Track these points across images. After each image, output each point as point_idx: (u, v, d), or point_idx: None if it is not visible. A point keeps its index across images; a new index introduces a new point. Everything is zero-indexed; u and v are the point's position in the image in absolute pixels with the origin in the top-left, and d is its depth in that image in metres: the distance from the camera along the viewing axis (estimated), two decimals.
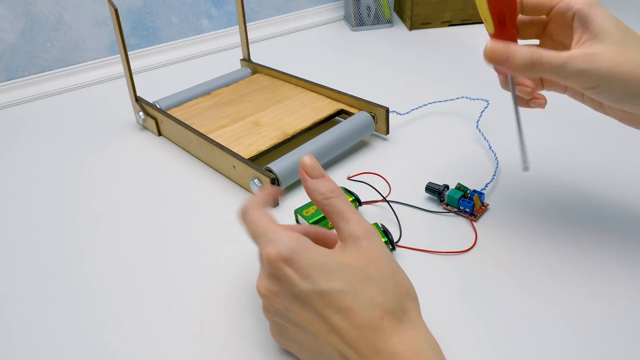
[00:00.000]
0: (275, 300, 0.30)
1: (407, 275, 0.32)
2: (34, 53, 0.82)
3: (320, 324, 0.29)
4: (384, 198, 0.50)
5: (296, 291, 0.29)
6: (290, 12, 1.08)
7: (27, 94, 0.81)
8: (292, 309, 0.29)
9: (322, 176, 0.32)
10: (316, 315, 0.29)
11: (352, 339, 0.28)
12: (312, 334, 0.29)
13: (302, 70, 0.79)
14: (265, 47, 0.98)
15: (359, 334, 0.28)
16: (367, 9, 1.03)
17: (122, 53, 0.61)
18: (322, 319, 0.28)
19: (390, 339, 0.27)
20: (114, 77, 0.88)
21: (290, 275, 0.29)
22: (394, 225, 0.46)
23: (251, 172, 0.51)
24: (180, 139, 0.62)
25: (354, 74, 0.83)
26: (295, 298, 0.29)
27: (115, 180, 0.57)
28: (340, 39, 1.01)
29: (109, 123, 0.71)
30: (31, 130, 0.71)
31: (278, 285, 0.30)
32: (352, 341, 0.28)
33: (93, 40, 0.86)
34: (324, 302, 0.28)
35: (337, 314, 0.28)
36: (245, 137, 0.57)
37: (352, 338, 0.28)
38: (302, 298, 0.29)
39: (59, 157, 0.63)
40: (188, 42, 0.96)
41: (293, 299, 0.29)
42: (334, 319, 0.28)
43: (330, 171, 0.56)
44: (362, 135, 0.59)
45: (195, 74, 0.87)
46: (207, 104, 0.66)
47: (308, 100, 0.65)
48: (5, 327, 0.39)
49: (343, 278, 0.29)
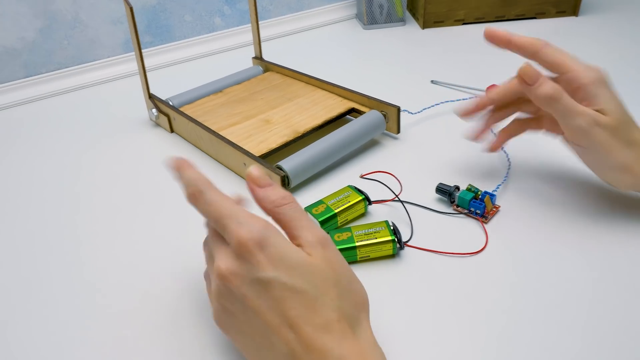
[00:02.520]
0: (234, 282, 0.29)
1: (413, 279, 0.32)
2: (51, 50, 0.83)
3: (275, 316, 0.28)
4: (397, 197, 0.50)
5: (260, 276, 0.28)
6: (302, 10, 1.08)
7: (45, 91, 0.82)
8: (249, 295, 0.29)
9: (270, 184, 0.32)
10: (273, 305, 0.28)
11: (305, 335, 0.28)
12: (263, 324, 0.29)
13: (314, 69, 0.79)
14: (277, 46, 0.98)
15: (314, 331, 0.28)
16: (379, 7, 1.03)
17: (137, 51, 0.62)
18: (279, 311, 0.28)
19: (343, 342, 0.28)
20: (128, 74, 0.89)
21: (259, 259, 0.28)
22: (404, 224, 0.46)
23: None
24: (192, 136, 0.62)
25: (365, 73, 0.83)
26: (256, 283, 0.28)
27: (128, 176, 0.58)
28: (352, 38, 1.01)
29: (122, 119, 0.72)
30: (48, 126, 0.72)
31: (242, 268, 0.29)
32: (305, 337, 0.28)
33: (108, 38, 0.87)
34: (285, 294, 0.28)
35: (295, 308, 0.28)
36: (256, 135, 0.58)
37: (306, 334, 0.28)
38: (264, 284, 0.28)
39: (74, 151, 0.64)
40: (201, 40, 0.96)
41: (254, 284, 0.29)
42: (291, 313, 0.28)
43: (340, 170, 0.56)
44: (373, 134, 0.59)
45: (208, 71, 0.88)
46: (219, 102, 0.67)
47: (319, 98, 0.65)
48: (2, 326, 0.39)
49: (307, 276, 0.29)
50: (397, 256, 0.43)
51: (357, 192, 0.48)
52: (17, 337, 0.38)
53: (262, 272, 0.28)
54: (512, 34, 0.44)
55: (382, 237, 0.42)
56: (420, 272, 0.41)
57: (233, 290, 0.29)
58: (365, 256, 0.42)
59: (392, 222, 0.44)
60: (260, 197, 0.32)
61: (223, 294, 0.30)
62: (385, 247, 0.42)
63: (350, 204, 0.46)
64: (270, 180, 0.32)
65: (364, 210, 0.48)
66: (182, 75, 0.88)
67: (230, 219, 0.30)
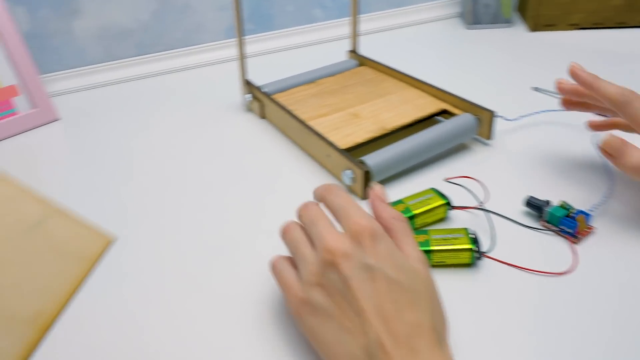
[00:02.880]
0: (343, 262, 0.30)
1: (488, 291, 0.31)
2: (161, 32, 0.88)
3: (372, 304, 0.29)
4: (481, 205, 0.47)
5: (369, 262, 0.30)
6: (404, 6, 1.06)
7: (152, 70, 0.88)
8: (354, 277, 0.30)
9: (388, 201, 0.36)
10: (374, 293, 0.29)
11: (397, 330, 0.28)
12: (357, 310, 0.29)
13: (408, 66, 0.77)
14: (374, 40, 0.98)
15: (407, 329, 0.28)
16: (485, 7, 0.99)
17: (238, 37, 0.64)
18: (377, 300, 0.29)
19: (432, 350, 0.28)
20: (227, 59, 0.92)
21: (371, 247, 0.31)
22: (485, 234, 0.44)
23: (345, 163, 0.51)
24: (280, 123, 0.64)
25: (462, 74, 0.80)
26: (364, 269, 0.30)
27: (215, 156, 0.60)
28: (452, 37, 0.98)
29: (218, 102, 0.75)
30: (152, 102, 0.77)
31: (354, 250, 0.30)
32: (397, 332, 0.28)
33: (213, 24, 0.91)
34: (388, 286, 0.29)
35: (393, 302, 0.29)
36: (343, 128, 0.58)
37: (398, 330, 0.28)
38: (370, 271, 0.30)
39: (172, 127, 0.68)
40: (299, 30, 0.98)
41: (362, 269, 0.30)
42: (388, 306, 0.29)
43: (424, 171, 0.54)
44: (464, 138, 0.57)
45: (303, 62, 0.89)
46: (310, 92, 0.68)
47: (410, 96, 0.64)
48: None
49: (411, 277, 0.31)
50: (474, 266, 0.41)
51: (439, 196, 0.46)
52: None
53: (372, 259, 0.30)
54: (598, 79, 0.42)
55: (460, 244, 0.40)
56: (496, 286, 0.39)
57: (339, 268, 0.30)
58: (441, 262, 0.41)
59: (472, 230, 0.42)
60: (380, 209, 0.35)
61: (324, 273, 0.31)
62: (463, 255, 0.40)
63: (430, 207, 0.45)
64: (388, 198, 0.36)
65: (444, 214, 0.46)
66: (278, 63, 0.90)
67: (354, 208, 0.33)
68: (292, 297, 0.33)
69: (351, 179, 0.50)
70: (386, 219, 0.34)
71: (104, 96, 0.81)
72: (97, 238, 0.18)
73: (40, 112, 0.73)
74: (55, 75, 0.83)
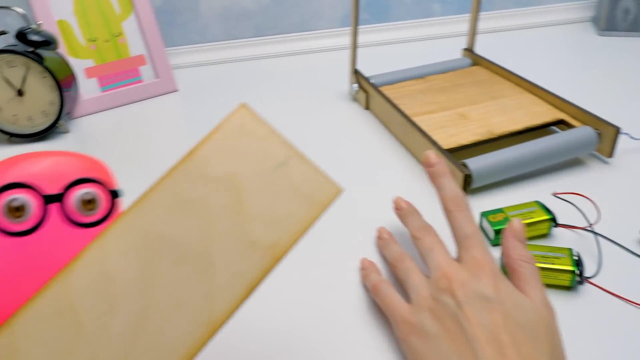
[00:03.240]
0: (459, 289, 0.30)
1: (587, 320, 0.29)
2: (279, 16, 0.91)
3: (486, 331, 0.28)
4: (590, 227, 0.44)
5: (487, 294, 0.29)
6: (530, 5, 1.00)
7: (266, 52, 0.92)
8: (469, 304, 0.29)
9: (525, 242, 0.34)
10: (490, 324, 0.28)
11: None
12: (468, 337, 0.28)
13: (526, 70, 0.73)
14: (492, 40, 0.93)
15: None
16: (624, 12, 0.90)
17: (353, 26, 0.64)
18: (492, 329, 0.28)
19: None
20: (339, 47, 0.93)
21: (491, 282, 0.30)
22: (591, 258, 0.41)
23: (446, 163, 0.49)
24: (384, 116, 0.63)
25: (586, 84, 0.74)
26: (480, 299, 0.29)
27: (316, 141, 0.61)
28: (580, 43, 0.90)
29: (324, 89, 0.76)
30: (263, 83, 0.80)
31: (472, 281, 0.30)
32: None
33: (329, 11, 0.93)
34: (504, 320, 0.28)
35: (509, 334, 0.27)
36: (448, 128, 0.56)
37: None
38: (487, 303, 0.29)
39: (279, 109, 0.70)
40: (415, 24, 0.96)
41: (478, 299, 0.29)
42: (503, 337, 0.27)
43: (530, 182, 0.51)
44: (580, 152, 0.52)
45: (414, 56, 0.87)
46: (418, 88, 0.66)
47: (525, 102, 0.61)
48: None
49: (530, 317, 0.29)
50: (574, 290, 0.38)
51: (543, 210, 0.43)
52: None
53: (490, 292, 0.29)
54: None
55: (561, 264, 0.38)
56: (596, 315, 0.36)
57: (455, 294, 0.30)
58: None
59: (577, 251, 0.39)
60: (512, 247, 0.34)
61: (438, 297, 0.31)
62: (563, 276, 0.38)
63: (532, 221, 0.43)
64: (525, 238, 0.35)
65: (546, 231, 0.43)
66: (388, 55, 0.89)
67: (478, 242, 0.33)
68: (400, 320, 0.32)
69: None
70: (515, 259, 0.33)
71: (219, 73, 0.85)
72: (329, 186, 0.21)
73: (162, 82, 0.79)
74: (178, 49, 0.89)
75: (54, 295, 0.19)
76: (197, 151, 0.22)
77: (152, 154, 0.62)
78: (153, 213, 0.21)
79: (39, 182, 0.23)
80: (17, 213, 0.22)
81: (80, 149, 0.64)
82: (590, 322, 0.36)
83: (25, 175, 0.23)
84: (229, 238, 0.21)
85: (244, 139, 0.22)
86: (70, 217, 0.24)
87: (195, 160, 0.22)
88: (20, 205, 0.22)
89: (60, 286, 0.19)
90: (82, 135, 0.68)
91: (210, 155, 0.22)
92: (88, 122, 0.72)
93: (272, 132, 0.22)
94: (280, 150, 0.22)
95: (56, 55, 0.68)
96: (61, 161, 0.24)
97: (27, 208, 0.23)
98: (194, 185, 0.21)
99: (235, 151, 0.22)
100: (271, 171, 0.21)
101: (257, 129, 0.22)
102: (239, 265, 0.20)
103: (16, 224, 0.23)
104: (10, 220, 0.22)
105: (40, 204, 0.23)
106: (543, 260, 0.38)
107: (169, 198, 0.21)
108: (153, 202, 0.21)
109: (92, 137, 0.67)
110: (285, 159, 0.21)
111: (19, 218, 0.23)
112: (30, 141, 0.67)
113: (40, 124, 0.67)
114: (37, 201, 0.23)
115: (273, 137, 0.22)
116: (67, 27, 0.73)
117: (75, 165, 0.25)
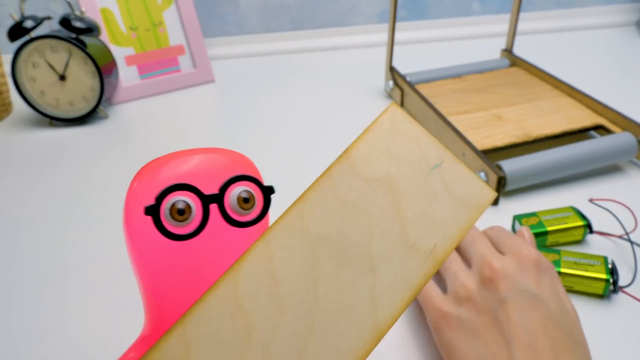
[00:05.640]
0: (503, 281, 0.29)
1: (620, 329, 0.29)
2: (316, 11, 0.91)
3: (526, 333, 0.27)
4: (627, 235, 0.43)
5: (531, 290, 0.28)
6: (572, 7, 0.97)
7: (302, 46, 0.92)
8: (512, 299, 0.28)
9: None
10: (530, 323, 0.27)
11: None
12: (506, 336, 0.27)
13: (566, 73, 0.71)
14: (532, 41, 0.92)
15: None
16: None
17: (391, 22, 0.64)
18: (533, 331, 0.27)
19: None
20: (375, 44, 0.93)
21: (536, 276, 0.29)
22: (626, 267, 0.40)
23: (480, 164, 0.49)
24: (419, 114, 0.63)
25: (629, 90, 0.72)
26: (524, 294, 0.28)
27: (349, 136, 0.61)
28: (623, 47, 0.88)
29: (360, 84, 0.76)
30: (298, 76, 0.81)
31: (519, 275, 0.29)
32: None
33: (367, 7, 0.92)
34: (545, 321, 0.27)
35: (549, 340, 0.27)
36: (483, 128, 0.55)
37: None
38: (531, 299, 0.28)
39: (313, 103, 0.71)
40: (453, 22, 0.95)
41: (522, 294, 0.28)
42: (542, 342, 0.27)
43: (565, 186, 0.50)
44: (618, 159, 0.51)
45: (451, 55, 0.87)
46: (454, 87, 0.66)
47: (563, 106, 0.59)
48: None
49: (571, 323, 0.28)
50: (607, 298, 0.38)
51: (579, 216, 0.43)
52: None
53: (535, 289, 0.29)
54: None
55: (595, 272, 0.37)
56: (630, 325, 0.35)
57: (498, 287, 0.29)
58: (568, 287, 0.38)
59: (611, 259, 0.38)
60: None
61: (479, 289, 0.30)
62: (596, 284, 0.37)
63: (567, 227, 0.42)
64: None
65: (580, 237, 0.43)
66: (425, 53, 0.88)
67: (521, 241, 0.33)
68: (433, 308, 0.32)
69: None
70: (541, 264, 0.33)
71: (256, 65, 0.86)
72: (484, 189, 0.20)
73: (199, 72, 0.80)
74: (215, 41, 0.91)
75: (223, 296, 0.18)
76: (352, 151, 0.21)
77: (187, 143, 0.63)
78: (314, 213, 0.20)
79: (198, 182, 0.22)
80: (182, 216, 0.21)
81: (120, 135, 0.66)
82: (622, 332, 0.35)
83: (185, 175, 0.22)
84: (388, 241, 0.20)
85: (397, 139, 0.21)
86: (229, 217, 0.22)
87: (351, 160, 0.21)
88: (184, 208, 0.21)
89: (228, 287, 0.19)
90: (121, 122, 0.70)
91: (366, 155, 0.21)
92: (127, 108, 0.74)
93: (424, 133, 0.21)
94: (434, 152, 0.20)
95: (98, 42, 0.70)
96: (213, 158, 0.23)
97: (191, 210, 0.21)
98: (352, 185, 0.20)
99: (389, 152, 0.21)
100: (426, 173, 0.20)
101: (408, 129, 0.21)
102: (401, 269, 0.20)
103: (180, 227, 0.21)
104: (174, 223, 0.21)
105: (200, 204, 0.22)
106: (576, 267, 0.38)
107: (329, 198, 0.20)
108: (313, 201, 0.20)
109: (130, 124, 0.69)
110: (440, 160, 0.20)
111: (183, 222, 0.21)
112: (71, 125, 0.69)
113: (80, 109, 0.69)
114: (198, 202, 0.22)
115: (426, 138, 0.21)
116: (109, 15, 0.75)
117: (228, 162, 0.23)
